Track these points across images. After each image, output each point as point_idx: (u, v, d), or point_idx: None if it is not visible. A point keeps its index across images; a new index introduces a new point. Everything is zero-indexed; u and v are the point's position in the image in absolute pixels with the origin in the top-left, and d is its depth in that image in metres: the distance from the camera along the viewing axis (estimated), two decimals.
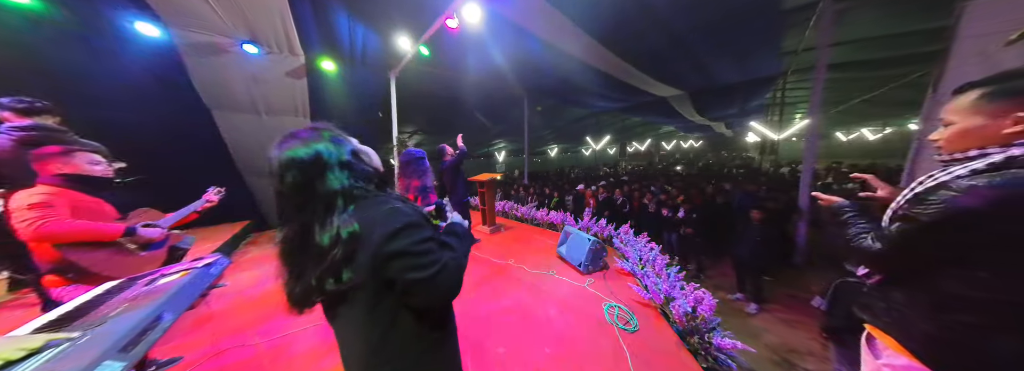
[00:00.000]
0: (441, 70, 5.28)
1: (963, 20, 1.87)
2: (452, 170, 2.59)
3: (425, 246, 0.52)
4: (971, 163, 0.53)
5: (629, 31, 3.85)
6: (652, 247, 2.11)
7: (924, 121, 2.09)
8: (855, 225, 0.65)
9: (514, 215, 3.87)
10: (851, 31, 4.04)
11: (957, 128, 0.58)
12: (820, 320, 1.69)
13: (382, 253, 0.49)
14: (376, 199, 0.55)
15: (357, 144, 0.63)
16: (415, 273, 0.49)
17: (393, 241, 0.49)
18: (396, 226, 0.50)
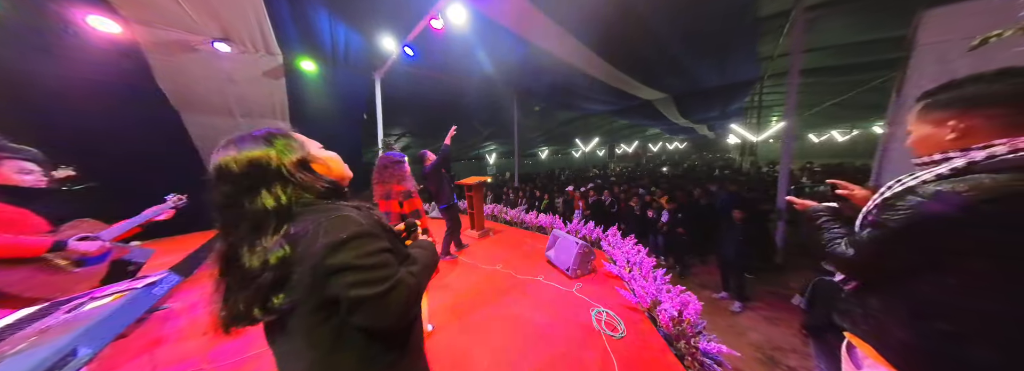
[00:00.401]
0: (428, 72, 5.19)
1: (921, 29, 1.99)
2: (435, 174, 2.50)
3: (376, 259, 0.46)
4: (936, 168, 0.53)
5: (615, 36, 3.92)
6: (639, 249, 2.11)
7: (889, 124, 2.20)
8: (829, 230, 0.65)
9: (503, 219, 3.82)
10: (822, 38, 4.26)
11: (914, 136, 0.60)
12: (800, 318, 1.72)
13: (324, 267, 0.43)
14: (321, 207, 0.49)
15: (316, 151, 0.57)
16: (362, 289, 0.43)
17: (337, 253, 0.44)
18: (342, 236, 0.44)
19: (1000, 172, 0.46)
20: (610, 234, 2.54)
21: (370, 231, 0.47)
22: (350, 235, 0.45)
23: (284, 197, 0.48)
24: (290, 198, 0.48)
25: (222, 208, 0.48)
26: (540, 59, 4.59)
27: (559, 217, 3.21)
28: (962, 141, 0.52)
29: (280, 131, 0.55)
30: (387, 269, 0.46)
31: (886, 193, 0.58)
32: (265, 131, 0.53)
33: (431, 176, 2.51)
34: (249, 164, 0.47)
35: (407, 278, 0.48)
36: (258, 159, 0.48)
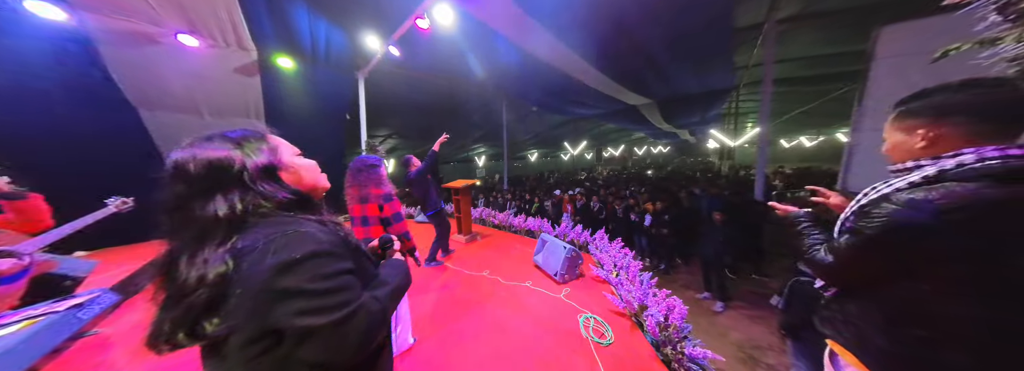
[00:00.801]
0: (415, 72, 5.09)
1: (879, 43, 2.15)
2: (421, 180, 2.41)
3: (333, 282, 0.40)
4: (909, 176, 0.54)
5: (602, 42, 4.00)
6: (626, 253, 2.12)
7: (853, 131, 2.35)
8: (809, 236, 0.65)
9: (491, 222, 3.75)
10: (791, 50, 4.55)
11: (888, 143, 0.62)
12: (778, 317, 1.76)
13: (270, 290, 0.37)
14: (278, 219, 0.44)
15: (289, 158, 0.51)
16: (312, 318, 0.37)
17: (286, 275, 0.38)
18: (293, 256, 0.38)
19: (970, 180, 0.47)
20: (598, 237, 2.54)
21: (330, 250, 0.42)
22: (305, 254, 0.39)
23: (239, 205, 0.42)
24: (247, 207, 0.42)
25: (171, 211, 0.42)
26: (530, 63, 4.61)
27: (548, 220, 3.19)
28: (931, 149, 0.54)
29: (255, 133, 0.50)
30: (345, 293, 0.41)
31: (862, 200, 0.59)
32: (240, 132, 0.48)
33: (416, 182, 2.41)
34: (209, 165, 0.42)
35: (370, 304, 0.43)
36: (220, 160, 0.43)
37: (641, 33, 3.76)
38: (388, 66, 4.68)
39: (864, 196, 0.60)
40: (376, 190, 1.27)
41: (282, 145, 0.53)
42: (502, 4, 3.07)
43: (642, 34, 3.78)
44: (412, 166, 2.48)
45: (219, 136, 0.46)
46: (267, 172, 0.47)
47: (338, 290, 0.40)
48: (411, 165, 2.49)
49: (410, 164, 2.50)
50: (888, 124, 0.62)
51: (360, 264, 0.48)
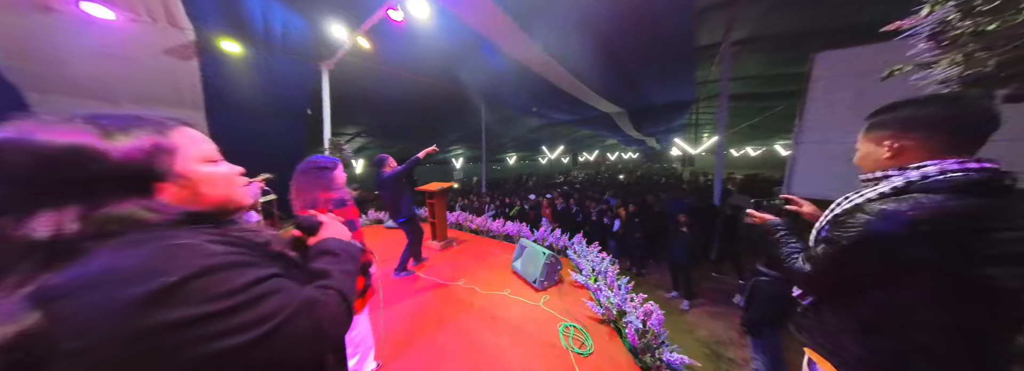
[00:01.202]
0: (390, 68, 4.79)
1: (815, 67, 2.46)
2: (393, 183, 2.21)
3: (246, 295, 0.31)
4: (879, 186, 0.56)
5: (580, 51, 4.12)
6: (603, 257, 2.13)
7: (795, 144, 2.64)
8: (787, 244, 0.66)
9: (468, 227, 3.61)
10: (741, 70, 5.08)
11: (859, 153, 0.65)
12: (741, 316, 1.87)
13: (140, 335, 0.26)
14: (140, 236, 0.30)
15: (190, 164, 0.37)
16: (229, 339, 0.28)
17: (162, 307, 0.27)
18: (168, 279, 0.27)
19: (934, 192, 0.49)
20: (576, 242, 2.54)
21: (232, 262, 0.31)
22: (190, 274, 0.28)
23: (75, 226, 0.29)
24: (85, 228, 0.29)
25: None
26: (511, 66, 4.59)
27: (527, 225, 3.14)
28: (897, 160, 0.56)
29: (149, 122, 0.36)
30: (271, 300, 0.32)
31: (835, 210, 0.61)
32: (123, 118, 0.35)
33: (390, 184, 2.20)
34: (39, 158, 0.29)
35: (317, 294, 0.36)
36: (60, 153, 0.29)
37: (615, 45, 3.94)
38: (357, 59, 4.35)
39: (837, 206, 0.62)
40: (325, 194, 1.09)
41: (187, 145, 0.39)
42: (484, 5, 3.01)
43: (616, 46, 3.96)
44: (387, 166, 2.27)
45: (84, 118, 0.32)
46: (136, 180, 0.33)
47: (257, 300, 0.31)
48: (386, 165, 2.27)
49: (385, 164, 2.28)
50: (860, 135, 0.65)
51: (289, 270, 0.39)
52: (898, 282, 0.49)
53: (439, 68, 4.75)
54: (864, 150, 0.63)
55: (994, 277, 0.43)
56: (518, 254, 2.29)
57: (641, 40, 3.83)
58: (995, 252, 0.44)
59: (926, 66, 0.70)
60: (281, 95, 4.31)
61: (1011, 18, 0.56)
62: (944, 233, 0.46)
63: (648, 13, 3.09)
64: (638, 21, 3.32)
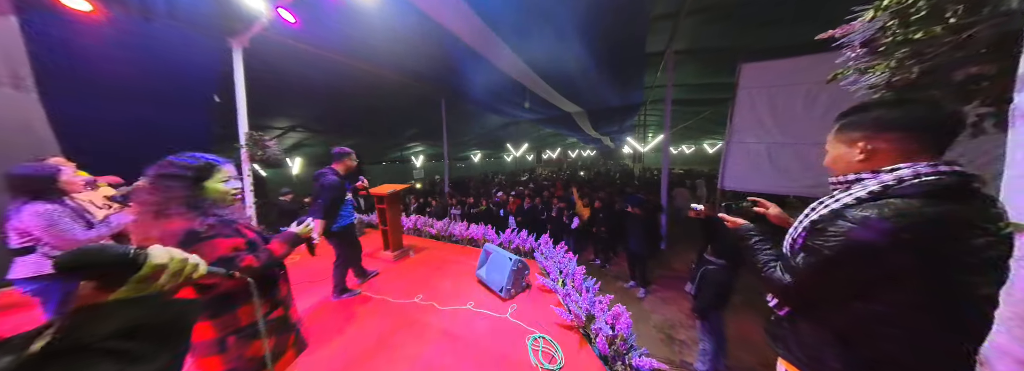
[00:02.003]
0: (326, 52, 4.09)
1: (741, 76, 2.79)
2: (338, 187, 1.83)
3: None
4: (853, 190, 0.55)
5: (544, 51, 4.06)
6: (570, 257, 2.10)
7: (726, 143, 2.99)
8: (762, 252, 0.63)
9: (428, 233, 3.30)
10: (679, 77, 5.67)
11: (830, 155, 0.64)
12: (691, 303, 2.01)
13: None
14: None
15: None
16: None
17: None
18: None
19: (911, 197, 0.47)
20: (543, 243, 2.48)
21: None
22: None
23: None
24: None
25: None
26: (472, 59, 4.32)
27: (491, 227, 2.98)
28: (869, 162, 0.55)
29: None
30: None
31: (811, 216, 0.58)
32: None
33: (330, 188, 1.81)
34: None
35: None
36: None
37: (576, 47, 3.99)
38: (281, 37, 3.62)
39: (812, 210, 0.59)
40: (172, 222, 0.65)
41: None
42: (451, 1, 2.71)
43: (577, 48, 4.02)
44: (341, 165, 1.89)
45: None
46: None
47: None
48: (340, 163, 1.90)
49: (341, 161, 1.90)
50: (831, 136, 0.64)
51: None
52: (878, 292, 0.48)
53: (387, 55, 4.21)
54: (835, 152, 0.62)
55: (973, 284, 0.43)
56: (483, 261, 2.13)
57: (599, 45, 3.94)
58: (973, 259, 0.43)
59: (863, 71, 0.73)
60: (171, 76, 3.35)
61: (932, 30, 0.60)
62: (924, 241, 0.45)
63: (610, 20, 3.17)
64: (597, 27, 3.39)
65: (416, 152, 14.96)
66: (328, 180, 1.79)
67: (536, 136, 14.72)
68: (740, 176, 2.91)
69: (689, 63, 4.92)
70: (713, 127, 11.84)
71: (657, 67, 5.48)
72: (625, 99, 7.20)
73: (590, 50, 4.11)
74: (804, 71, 2.44)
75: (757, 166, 2.80)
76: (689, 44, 4.35)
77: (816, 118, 2.49)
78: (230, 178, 0.80)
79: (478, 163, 20.52)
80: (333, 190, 1.77)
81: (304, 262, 2.62)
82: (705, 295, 1.88)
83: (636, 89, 6.40)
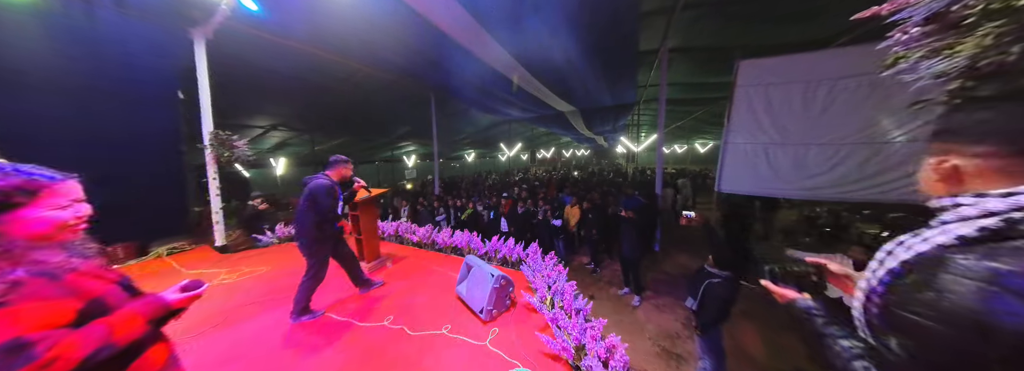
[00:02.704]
0: (300, 44, 3.78)
1: (739, 74, 2.65)
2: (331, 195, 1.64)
3: None
4: (947, 220, 0.36)
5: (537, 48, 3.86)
6: (560, 271, 1.91)
7: (724, 143, 2.85)
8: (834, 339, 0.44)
9: (410, 241, 3.07)
10: (672, 76, 5.56)
11: (922, 175, 0.46)
12: (693, 318, 1.85)
13: None
14: None
15: None
16: None
17: None
18: None
19: None
20: (531, 252, 2.28)
21: None
22: None
23: None
24: None
25: None
26: (455, 53, 4.07)
27: (478, 234, 2.77)
28: (966, 182, 0.37)
29: None
30: None
31: (890, 264, 0.40)
32: None
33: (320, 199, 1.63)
34: None
35: None
36: None
37: (569, 44, 3.80)
38: (247, 27, 3.31)
39: (889, 256, 0.41)
40: None
41: None
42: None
43: (570, 45, 3.83)
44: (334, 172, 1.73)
45: None
46: None
47: None
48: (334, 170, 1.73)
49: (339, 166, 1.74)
50: (929, 148, 0.45)
51: None
52: None
53: (364, 47, 3.92)
54: (927, 170, 0.44)
55: None
56: (463, 275, 1.92)
57: (592, 43, 3.77)
58: None
59: (934, 54, 0.56)
60: (129, 71, 3.01)
61: None
62: None
63: (601, 18, 3.00)
64: (590, 26, 3.21)
65: (408, 151, 14.58)
66: (320, 182, 1.61)
67: (530, 135, 14.57)
68: (736, 178, 2.78)
69: (683, 61, 4.80)
70: (705, 126, 11.90)
71: (651, 66, 5.36)
72: (618, 98, 7.08)
73: (581, 47, 3.94)
74: (803, 68, 2.33)
75: (753, 167, 2.68)
76: (683, 42, 4.22)
77: (813, 117, 2.38)
78: (70, 204, 0.53)
79: (472, 162, 20.21)
80: (326, 194, 1.58)
81: (272, 274, 2.36)
82: (709, 311, 1.73)
83: (629, 88, 6.28)
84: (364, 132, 9.44)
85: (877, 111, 2.08)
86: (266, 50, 3.72)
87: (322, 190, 1.61)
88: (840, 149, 2.33)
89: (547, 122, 10.32)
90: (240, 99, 5.17)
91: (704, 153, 18.20)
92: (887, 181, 2.13)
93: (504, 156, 19.55)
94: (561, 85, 5.69)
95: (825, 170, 2.40)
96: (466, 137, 13.15)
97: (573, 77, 5.19)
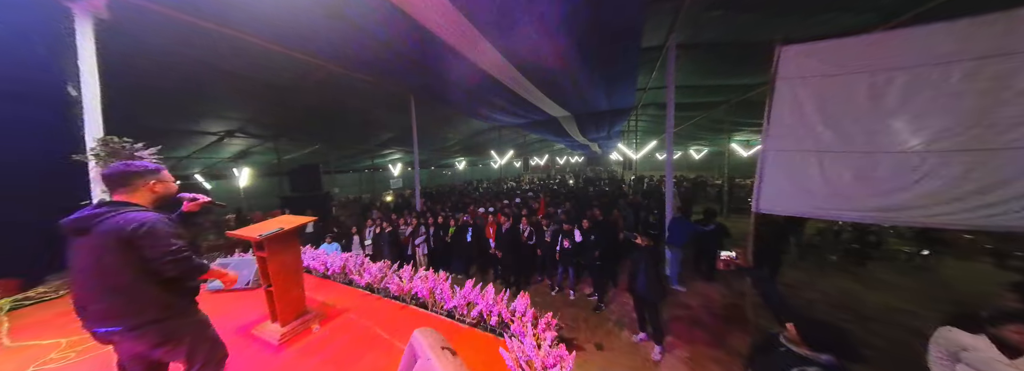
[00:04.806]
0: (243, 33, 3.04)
1: (781, 63, 2.08)
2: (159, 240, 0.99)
3: None
4: None
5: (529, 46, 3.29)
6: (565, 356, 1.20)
7: (762, 152, 2.25)
8: None
9: (358, 284, 2.29)
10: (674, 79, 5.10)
11: None
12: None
13: None
14: None
15: None
16: None
17: None
18: None
19: None
20: (520, 308, 1.56)
21: None
22: None
23: None
24: None
25: None
26: (439, 51, 3.43)
27: (449, 278, 2.02)
28: None
29: None
30: None
31: None
32: None
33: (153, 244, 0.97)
34: None
35: None
36: None
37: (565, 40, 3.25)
38: (161, 6, 2.59)
39: None
40: None
41: None
42: None
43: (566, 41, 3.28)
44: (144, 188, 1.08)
45: None
46: None
47: None
48: (139, 186, 1.07)
49: (138, 181, 1.08)
50: None
51: None
52: None
53: (320, 38, 3.21)
54: None
55: None
56: (406, 366, 1.18)
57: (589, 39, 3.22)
58: None
59: None
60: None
61: None
62: None
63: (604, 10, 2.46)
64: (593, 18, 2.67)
65: (393, 159, 13.78)
66: (135, 218, 0.94)
67: (522, 142, 14.02)
68: (779, 195, 2.18)
69: (687, 61, 4.33)
70: (701, 132, 11.60)
71: (651, 66, 4.90)
72: (615, 102, 6.60)
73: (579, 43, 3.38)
74: (870, 54, 1.79)
75: (802, 182, 2.08)
76: (694, 36, 3.74)
77: (886, 116, 1.82)
78: None
79: (463, 170, 19.48)
80: (164, 235, 0.96)
81: None
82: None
83: (628, 91, 5.78)
84: (339, 139, 8.65)
85: (992, 103, 1.53)
86: (191, 36, 2.97)
87: (161, 230, 0.95)
88: (927, 157, 1.75)
89: (539, 128, 9.80)
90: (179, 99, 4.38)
91: (698, 160, 18.00)
92: (1002, 201, 1.56)
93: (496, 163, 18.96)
94: (554, 87, 5.13)
95: (904, 185, 1.82)
96: (455, 144, 12.48)
97: (568, 78, 4.65)
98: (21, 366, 1.47)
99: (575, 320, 3.18)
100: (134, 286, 0.93)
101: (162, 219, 0.99)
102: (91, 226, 0.91)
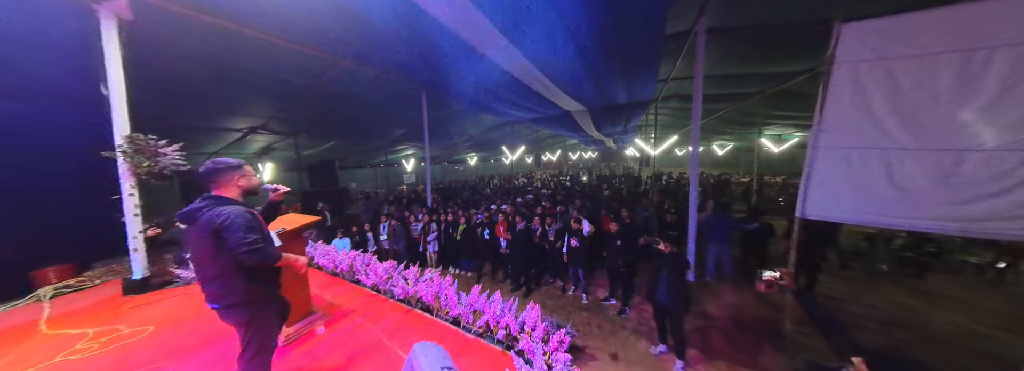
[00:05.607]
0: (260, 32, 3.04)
1: (841, 43, 1.77)
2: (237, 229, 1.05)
3: None
4: None
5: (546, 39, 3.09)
6: None
7: (812, 149, 1.96)
8: None
9: (363, 283, 2.25)
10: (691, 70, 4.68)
11: None
12: None
13: None
14: None
15: None
16: None
17: None
18: None
19: None
20: (530, 320, 1.44)
21: None
22: None
23: None
24: None
25: None
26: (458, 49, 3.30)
27: (454, 284, 1.93)
28: None
29: None
30: None
31: None
32: None
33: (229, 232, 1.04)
34: None
35: None
36: None
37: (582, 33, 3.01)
38: (182, 8, 2.61)
39: None
40: None
41: None
42: None
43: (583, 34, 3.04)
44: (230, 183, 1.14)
45: None
46: None
47: None
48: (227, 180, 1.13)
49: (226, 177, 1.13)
50: None
51: None
52: None
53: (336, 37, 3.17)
54: None
55: None
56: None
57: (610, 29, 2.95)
58: None
59: None
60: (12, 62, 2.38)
61: None
62: None
63: None
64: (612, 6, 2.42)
65: (407, 155, 13.98)
66: (225, 211, 1.01)
67: (533, 138, 13.76)
68: (832, 199, 1.89)
69: (715, 49, 3.93)
70: (726, 126, 10.79)
71: (675, 56, 4.51)
72: (634, 94, 6.21)
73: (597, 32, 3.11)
74: (962, 28, 1.45)
75: (863, 184, 1.78)
76: (723, 20, 3.36)
77: (978, 108, 1.49)
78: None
79: (474, 166, 19.51)
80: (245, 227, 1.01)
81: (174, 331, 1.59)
82: None
83: (648, 81, 5.40)
84: (354, 135, 8.83)
85: None
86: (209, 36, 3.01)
87: (238, 223, 1.00)
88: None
89: (552, 123, 9.51)
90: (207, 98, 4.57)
91: (722, 156, 16.91)
92: None
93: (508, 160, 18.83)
94: (570, 79, 4.87)
95: (995, 191, 1.50)
96: (467, 139, 12.43)
97: (585, 70, 4.38)
98: (50, 354, 1.54)
99: (588, 325, 3.02)
100: (224, 272, 1.04)
101: (243, 213, 1.04)
102: (195, 218, 1.03)
